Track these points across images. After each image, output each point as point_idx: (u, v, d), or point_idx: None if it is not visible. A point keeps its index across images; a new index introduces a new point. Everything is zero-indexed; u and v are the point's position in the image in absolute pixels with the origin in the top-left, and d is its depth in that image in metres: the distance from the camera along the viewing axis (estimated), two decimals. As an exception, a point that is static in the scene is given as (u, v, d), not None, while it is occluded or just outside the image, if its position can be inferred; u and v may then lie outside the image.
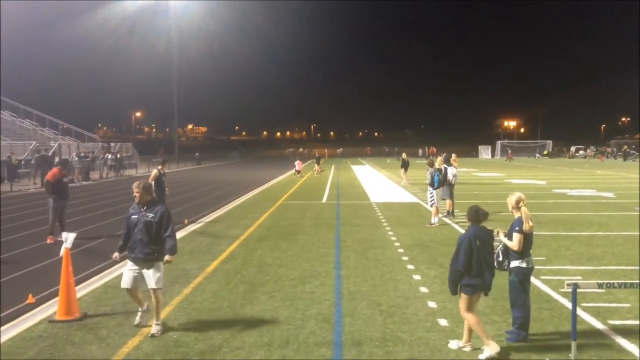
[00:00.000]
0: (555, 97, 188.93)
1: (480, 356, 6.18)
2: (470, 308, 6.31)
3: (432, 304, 8.13)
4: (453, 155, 19.20)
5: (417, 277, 9.79)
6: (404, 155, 33.49)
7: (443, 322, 7.30)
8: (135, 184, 7.36)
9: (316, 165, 44.37)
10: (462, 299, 6.36)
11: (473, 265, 6.24)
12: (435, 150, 74.45)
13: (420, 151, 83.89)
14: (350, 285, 9.27)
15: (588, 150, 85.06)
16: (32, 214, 18.96)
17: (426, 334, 6.88)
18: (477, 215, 6.46)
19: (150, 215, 7.16)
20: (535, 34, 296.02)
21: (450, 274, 6.41)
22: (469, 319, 6.32)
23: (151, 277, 7.06)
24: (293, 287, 9.16)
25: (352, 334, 6.93)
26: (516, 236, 6.59)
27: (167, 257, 7.11)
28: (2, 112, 51.64)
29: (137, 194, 7.27)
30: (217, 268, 10.67)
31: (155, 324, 7.01)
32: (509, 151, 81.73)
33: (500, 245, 6.77)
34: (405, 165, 32.43)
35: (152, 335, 6.84)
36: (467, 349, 6.31)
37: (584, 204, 21.03)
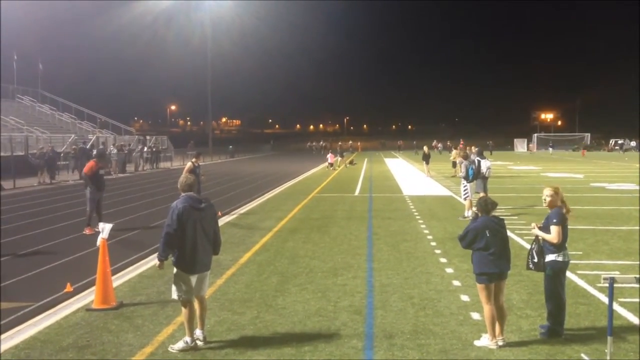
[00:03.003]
0: (595, 88, 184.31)
1: (476, 342, 6.31)
2: (489, 298, 6.29)
3: (464, 298, 8.07)
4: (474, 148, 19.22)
5: (449, 270, 9.72)
6: (425, 149, 34.37)
7: (475, 315, 7.23)
8: None
9: (339, 158, 43.81)
10: (480, 290, 6.36)
11: (486, 254, 6.26)
12: (463, 142, 70.72)
13: (440, 145, 78.83)
14: (382, 277, 9.26)
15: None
16: (71, 205, 19.39)
17: (458, 328, 6.84)
18: (485, 205, 6.50)
19: None
20: (571, 23, 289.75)
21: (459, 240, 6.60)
22: (485, 310, 6.33)
23: None
24: (325, 279, 9.18)
25: (384, 326, 6.92)
26: (554, 228, 6.47)
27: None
28: (41, 105, 52.91)
29: None
30: (249, 259, 10.77)
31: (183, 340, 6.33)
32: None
33: (533, 246, 6.67)
34: (426, 158, 33.20)
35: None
36: (500, 342, 6.25)
37: (623, 198, 20.57)
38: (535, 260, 6.62)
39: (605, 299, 7.61)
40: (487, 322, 6.30)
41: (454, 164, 32.10)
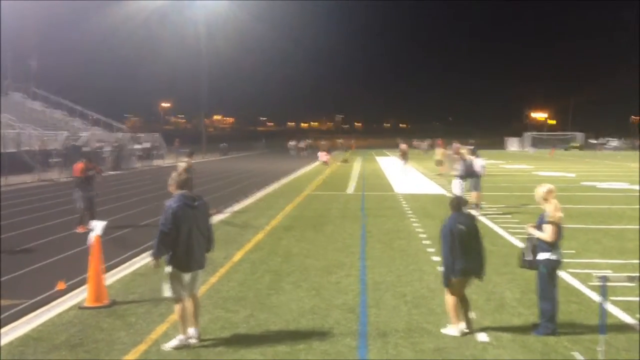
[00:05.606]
0: (588, 87, 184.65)
1: (443, 330, 6.57)
2: (454, 291, 6.47)
3: (458, 296, 8.09)
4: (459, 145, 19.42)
5: (442, 268, 9.71)
6: (403, 146, 35.39)
7: (469, 314, 7.24)
8: None
9: (329, 156, 43.40)
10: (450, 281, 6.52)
11: (458, 249, 6.37)
12: (441, 141, 65.66)
13: (423, 144, 74.60)
14: (376, 275, 9.28)
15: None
16: (62, 203, 19.29)
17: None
18: (457, 203, 6.64)
19: None
20: (565, 22, 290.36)
21: (443, 267, 6.62)
22: (449, 300, 6.53)
23: None
24: (319, 277, 9.19)
25: (377, 324, 6.94)
26: (548, 227, 6.51)
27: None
28: (33, 102, 52.60)
29: None
30: (243, 257, 10.76)
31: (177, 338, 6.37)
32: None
33: (527, 244, 6.72)
34: (404, 156, 33.98)
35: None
36: (465, 329, 6.47)
37: (615, 197, 20.67)
38: (529, 258, 6.68)
39: (597, 298, 7.65)
40: (451, 310, 6.49)
41: (440, 162, 32.30)
